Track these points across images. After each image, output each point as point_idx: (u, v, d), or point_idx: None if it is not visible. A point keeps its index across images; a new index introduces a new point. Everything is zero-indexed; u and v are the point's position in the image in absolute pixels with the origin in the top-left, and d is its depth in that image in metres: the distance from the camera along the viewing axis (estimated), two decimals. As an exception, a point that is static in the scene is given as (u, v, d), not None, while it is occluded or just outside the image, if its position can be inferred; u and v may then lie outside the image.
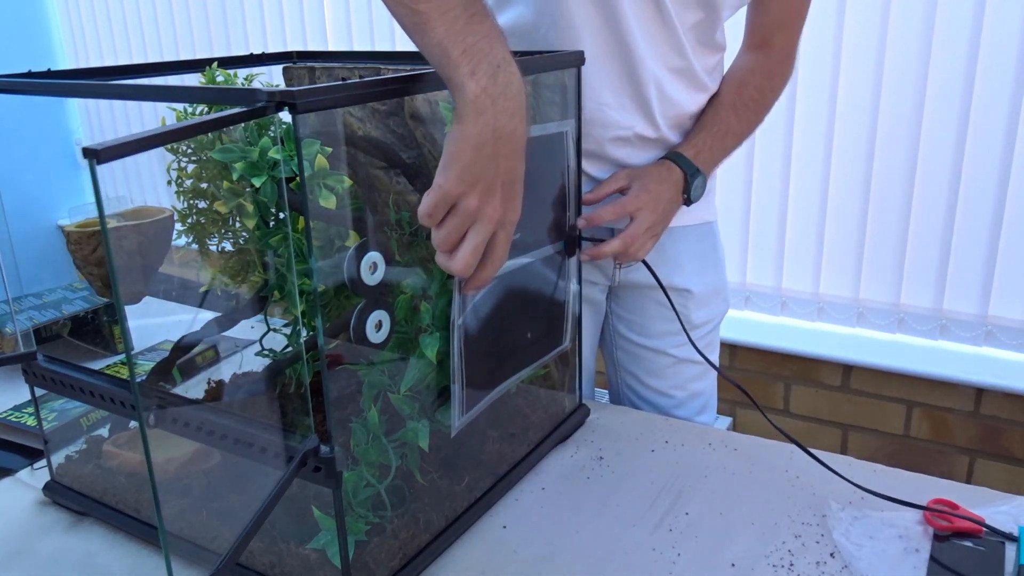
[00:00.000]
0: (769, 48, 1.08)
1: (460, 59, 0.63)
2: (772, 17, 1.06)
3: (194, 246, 0.82)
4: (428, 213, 0.65)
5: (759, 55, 1.09)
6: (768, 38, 1.08)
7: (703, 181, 1.04)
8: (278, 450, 0.68)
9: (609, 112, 1.01)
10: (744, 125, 1.08)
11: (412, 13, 0.64)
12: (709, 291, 1.15)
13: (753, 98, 1.07)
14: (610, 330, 1.21)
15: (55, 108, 2.97)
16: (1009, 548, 0.77)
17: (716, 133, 1.05)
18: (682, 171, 1.02)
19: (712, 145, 1.04)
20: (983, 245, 1.67)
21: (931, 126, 1.66)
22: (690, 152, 1.03)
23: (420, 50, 0.66)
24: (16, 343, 1.17)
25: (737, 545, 0.80)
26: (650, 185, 0.99)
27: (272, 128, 0.71)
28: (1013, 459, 1.74)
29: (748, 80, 1.08)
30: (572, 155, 0.92)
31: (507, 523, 0.84)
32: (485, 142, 0.64)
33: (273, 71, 0.98)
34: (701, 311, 1.15)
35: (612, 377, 1.24)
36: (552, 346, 0.95)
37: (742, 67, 1.09)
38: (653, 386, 1.18)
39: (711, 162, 1.05)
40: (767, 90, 1.08)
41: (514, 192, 0.68)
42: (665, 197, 1.00)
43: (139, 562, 0.80)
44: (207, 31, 2.61)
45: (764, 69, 1.08)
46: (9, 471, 0.96)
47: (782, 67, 1.09)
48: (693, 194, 1.03)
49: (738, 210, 1.90)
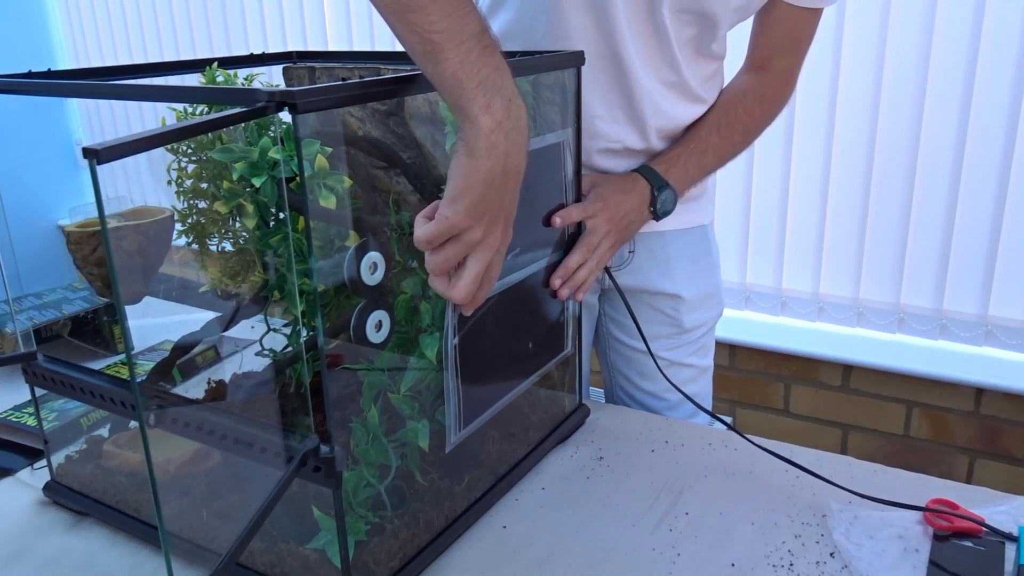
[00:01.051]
0: (768, 71, 1.05)
1: (475, 92, 0.62)
2: (775, 40, 1.04)
3: (194, 246, 0.82)
4: (428, 240, 0.65)
5: (757, 77, 1.06)
6: (768, 60, 1.05)
7: (672, 195, 1.01)
8: (278, 450, 0.68)
9: (599, 124, 1.00)
10: (727, 146, 1.05)
11: (425, 42, 0.62)
12: (701, 295, 1.14)
13: (740, 119, 1.05)
14: (603, 332, 1.20)
15: (55, 108, 2.97)
16: (1009, 548, 0.77)
17: (693, 150, 1.03)
18: (648, 184, 1.00)
19: (687, 161, 1.02)
20: (983, 245, 1.67)
21: (931, 126, 1.66)
22: (661, 167, 1.01)
23: (430, 79, 0.64)
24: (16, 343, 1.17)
25: (737, 545, 0.80)
26: (606, 194, 0.98)
27: (272, 128, 0.71)
28: (1013, 459, 1.74)
29: (738, 101, 1.06)
30: (570, 164, 0.92)
31: (507, 523, 0.84)
32: (495, 177, 0.64)
33: (273, 71, 0.99)
34: (693, 315, 1.14)
35: (606, 378, 1.24)
36: (553, 354, 0.95)
37: (736, 87, 1.07)
38: (646, 388, 1.18)
39: (684, 178, 1.03)
40: (757, 113, 1.06)
41: (511, 220, 0.68)
42: (624, 208, 0.98)
43: (139, 562, 0.80)
44: (207, 31, 2.61)
45: (758, 92, 1.06)
46: (9, 471, 0.97)
47: (778, 92, 1.06)
48: (660, 208, 1.01)
49: (738, 210, 1.90)
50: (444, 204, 0.64)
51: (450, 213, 0.64)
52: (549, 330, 0.94)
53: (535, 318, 0.91)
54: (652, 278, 1.11)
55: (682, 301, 1.13)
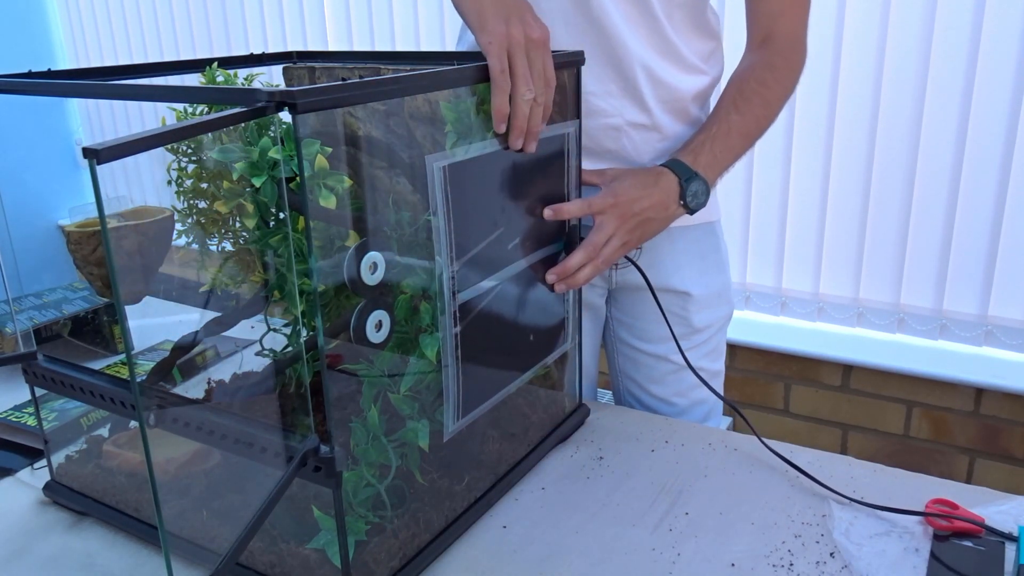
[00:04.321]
0: (772, 40, 1.02)
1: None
2: (771, 5, 1.01)
3: (194, 246, 0.82)
4: (501, 69, 0.75)
5: (762, 51, 1.03)
6: (770, 30, 1.02)
7: (704, 186, 0.97)
8: (278, 450, 0.68)
9: (593, 100, 0.98)
10: (750, 122, 1.00)
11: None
12: (711, 293, 1.12)
13: (755, 91, 1.00)
14: (611, 334, 1.18)
15: (55, 108, 2.97)
16: (1009, 548, 0.77)
17: (716, 134, 0.99)
18: (676, 176, 0.95)
19: (712, 147, 0.98)
20: (983, 245, 1.67)
21: (931, 126, 1.66)
22: (688, 157, 0.97)
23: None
24: (16, 343, 1.17)
25: (737, 545, 0.80)
26: (621, 190, 0.93)
27: (272, 128, 0.71)
28: (1013, 459, 1.74)
29: (749, 76, 1.02)
30: (574, 156, 0.92)
31: (507, 523, 0.84)
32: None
33: (273, 71, 0.99)
34: (702, 314, 1.12)
35: (614, 382, 1.22)
36: (552, 348, 0.95)
37: (744, 66, 1.04)
38: (655, 393, 1.15)
39: (714, 164, 0.98)
40: (771, 82, 1.01)
41: (533, 14, 0.80)
42: (639, 206, 0.93)
43: (139, 562, 0.80)
44: (207, 31, 2.61)
45: (766, 62, 1.02)
46: (9, 471, 0.97)
47: (788, 58, 1.02)
48: (691, 201, 0.96)
49: (738, 210, 1.90)
50: (478, 35, 0.77)
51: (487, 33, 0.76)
52: (549, 323, 0.94)
53: (535, 310, 0.91)
54: (660, 275, 1.08)
55: (691, 299, 1.10)
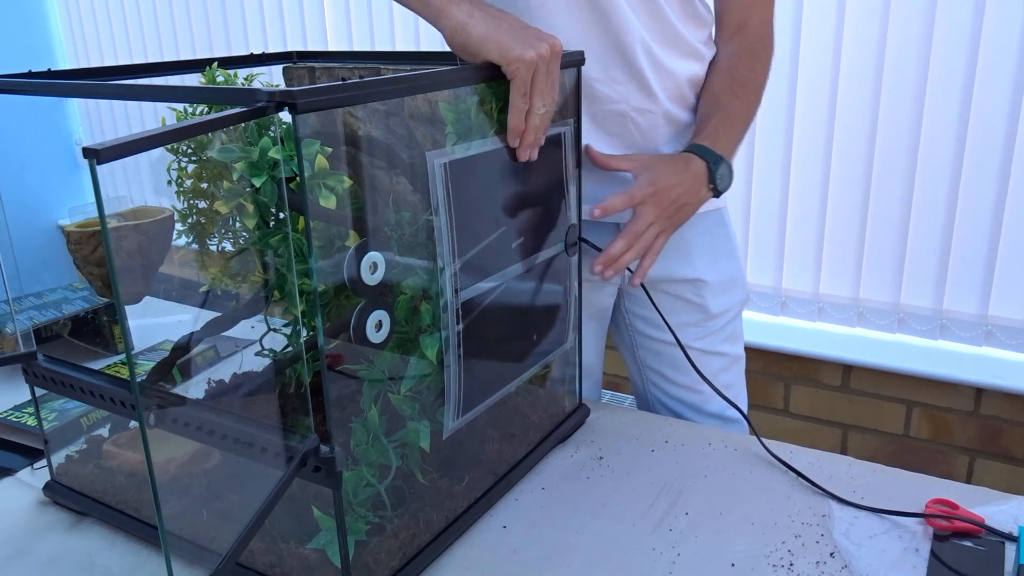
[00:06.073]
0: (746, 29, 1.05)
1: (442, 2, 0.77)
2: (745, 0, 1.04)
3: (194, 246, 0.82)
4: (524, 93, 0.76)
5: (738, 38, 1.05)
6: (744, 18, 1.05)
7: (728, 169, 0.99)
8: (278, 450, 0.68)
9: (598, 87, 0.98)
10: (747, 107, 1.04)
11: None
12: (725, 279, 1.12)
13: (747, 78, 1.04)
14: (630, 331, 1.18)
15: (55, 108, 2.97)
16: (1009, 548, 0.77)
17: (723, 120, 1.01)
18: (703, 160, 0.97)
19: (724, 133, 1.01)
20: (983, 245, 1.67)
21: (931, 126, 1.66)
22: (707, 141, 0.99)
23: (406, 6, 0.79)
24: (16, 343, 1.17)
25: (737, 545, 0.80)
26: (657, 178, 0.95)
27: (272, 128, 0.71)
28: (1013, 459, 1.74)
29: (736, 63, 1.04)
30: (571, 155, 0.92)
31: (507, 523, 0.84)
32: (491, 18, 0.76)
33: (273, 71, 0.99)
34: (718, 299, 1.12)
35: (637, 381, 1.21)
36: (552, 347, 0.95)
37: (725, 54, 1.06)
38: (680, 382, 1.15)
39: (729, 150, 1.01)
40: (758, 69, 1.05)
41: (541, 31, 0.79)
42: (676, 192, 0.96)
43: (139, 562, 0.80)
44: (207, 31, 2.61)
45: (748, 49, 1.05)
46: (9, 471, 0.96)
47: (765, 46, 1.06)
48: (720, 184, 0.99)
49: (738, 210, 1.90)
50: (505, 65, 0.75)
51: (514, 62, 0.75)
52: (550, 323, 0.94)
53: (536, 310, 0.91)
54: (671, 265, 1.08)
55: (705, 285, 1.11)
